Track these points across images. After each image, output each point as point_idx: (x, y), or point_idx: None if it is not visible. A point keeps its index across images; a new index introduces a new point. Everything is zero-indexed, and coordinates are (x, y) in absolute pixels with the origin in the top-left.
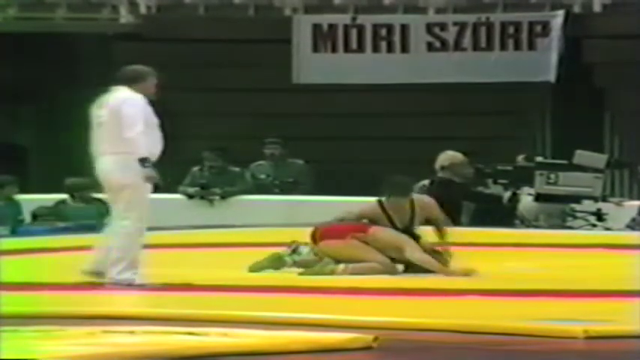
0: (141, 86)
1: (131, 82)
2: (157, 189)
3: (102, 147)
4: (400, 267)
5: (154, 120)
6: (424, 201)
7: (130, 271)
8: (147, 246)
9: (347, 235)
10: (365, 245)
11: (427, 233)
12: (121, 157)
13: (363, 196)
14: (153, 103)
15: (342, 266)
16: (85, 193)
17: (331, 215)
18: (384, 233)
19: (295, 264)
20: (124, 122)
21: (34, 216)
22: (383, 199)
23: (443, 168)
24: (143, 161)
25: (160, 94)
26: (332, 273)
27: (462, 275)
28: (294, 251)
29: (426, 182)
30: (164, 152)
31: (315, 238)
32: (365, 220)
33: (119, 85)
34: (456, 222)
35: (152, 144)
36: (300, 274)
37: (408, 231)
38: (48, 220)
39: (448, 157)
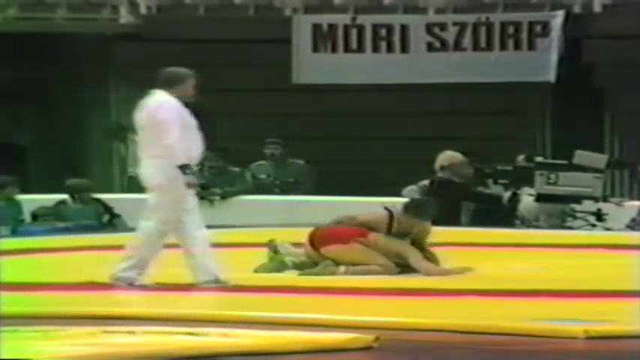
0: (179, 89)
1: (169, 84)
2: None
3: (142, 150)
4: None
5: (192, 122)
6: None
7: (134, 270)
8: None
9: (349, 239)
10: (368, 249)
11: (441, 233)
12: (157, 161)
13: (363, 197)
14: (187, 104)
15: (342, 268)
16: (85, 194)
17: (331, 215)
18: (385, 239)
19: (296, 267)
20: (160, 128)
21: (34, 216)
22: (395, 211)
23: (442, 168)
24: (183, 168)
25: (199, 96)
26: (332, 274)
27: (459, 273)
28: (276, 252)
29: (425, 182)
30: None
31: (312, 241)
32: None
33: (157, 88)
34: (455, 222)
35: (191, 147)
36: (301, 274)
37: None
38: (48, 220)
39: (448, 157)
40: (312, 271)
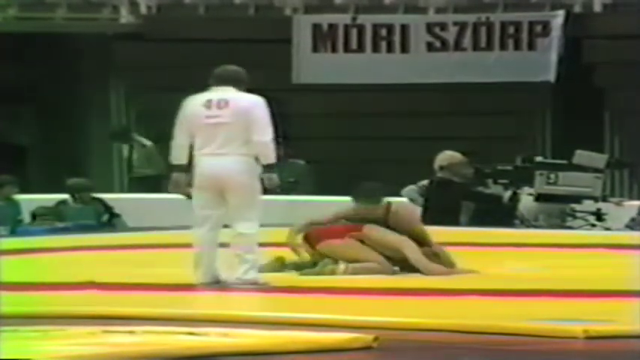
0: (241, 87)
1: (238, 82)
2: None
3: (221, 148)
4: (396, 267)
5: None
6: (399, 213)
7: (254, 270)
8: (147, 246)
9: (344, 234)
10: (362, 245)
11: (432, 232)
12: (245, 159)
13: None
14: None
15: (342, 266)
16: (85, 193)
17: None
18: (380, 232)
19: (295, 267)
20: (255, 126)
21: (34, 216)
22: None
23: (442, 168)
24: (271, 167)
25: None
26: (332, 273)
27: (460, 273)
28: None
29: (425, 182)
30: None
31: (309, 240)
32: (342, 221)
33: (222, 85)
34: (455, 222)
35: None
36: (301, 274)
37: None
38: (47, 219)
39: (447, 156)
40: (312, 271)
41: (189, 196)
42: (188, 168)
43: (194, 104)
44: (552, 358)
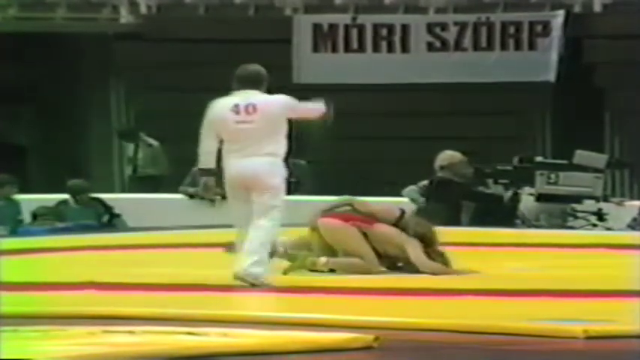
0: (263, 88)
1: (260, 83)
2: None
3: (250, 149)
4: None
5: None
6: (411, 220)
7: (261, 267)
8: (147, 246)
9: (349, 221)
10: (360, 238)
11: (440, 233)
12: (274, 160)
13: (363, 196)
14: None
15: (323, 259)
16: (85, 195)
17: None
18: (388, 229)
19: (286, 255)
20: (299, 107)
21: (34, 216)
22: (406, 211)
23: (442, 168)
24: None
25: None
26: (313, 265)
27: (460, 274)
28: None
29: (425, 182)
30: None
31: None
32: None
33: (246, 88)
34: (455, 222)
35: None
36: (285, 271)
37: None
38: (48, 220)
39: (447, 156)
40: (293, 266)
41: (190, 196)
42: (217, 171)
43: (221, 109)
44: (552, 358)
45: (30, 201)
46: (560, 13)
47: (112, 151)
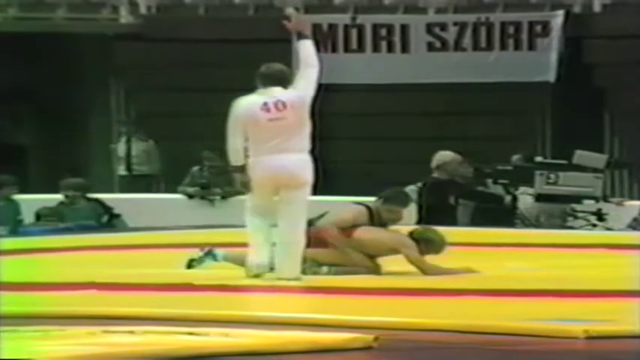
0: (287, 86)
1: (285, 81)
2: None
3: (284, 145)
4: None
5: None
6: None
7: (299, 266)
8: (147, 246)
9: (328, 242)
10: (345, 252)
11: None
12: (306, 157)
13: (363, 196)
14: None
15: (325, 269)
16: (77, 193)
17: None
18: (373, 233)
19: None
20: (308, 125)
21: (38, 216)
22: (372, 205)
23: (436, 168)
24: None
25: None
26: (315, 274)
27: (459, 273)
28: (208, 254)
29: (419, 184)
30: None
31: (309, 241)
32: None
33: (271, 85)
34: (449, 221)
35: None
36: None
37: None
38: (51, 220)
39: (440, 156)
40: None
41: (190, 196)
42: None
43: (249, 107)
44: (552, 359)
45: (30, 201)
46: (560, 13)
47: (112, 151)
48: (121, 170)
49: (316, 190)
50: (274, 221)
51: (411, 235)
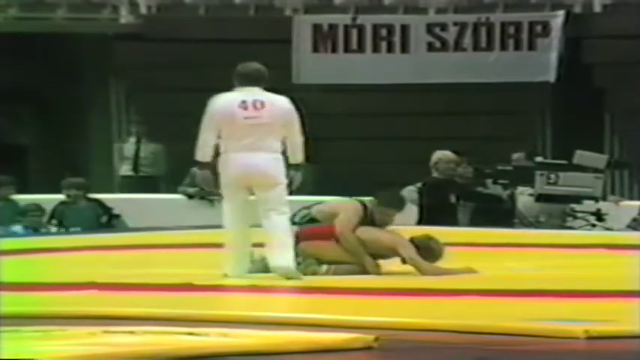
0: (265, 85)
1: (263, 81)
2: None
3: (258, 144)
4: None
5: None
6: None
7: (289, 260)
8: (147, 246)
9: (330, 236)
10: (347, 252)
11: (431, 233)
12: (279, 157)
13: (363, 196)
14: None
15: (324, 267)
16: (79, 192)
17: None
18: (372, 233)
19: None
20: (293, 128)
21: (23, 212)
22: (368, 204)
23: (433, 167)
24: (298, 166)
25: None
26: (314, 274)
27: (458, 273)
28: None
29: (419, 184)
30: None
31: (298, 238)
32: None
33: (249, 85)
34: (450, 221)
35: None
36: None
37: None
38: (36, 215)
39: (436, 156)
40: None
41: (190, 196)
42: (214, 166)
43: (227, 105)
44: (552, 359)
45: (30, 201)
46: (560, 14)
47: (112, 151)
48: (126, 171)
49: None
50: (252, 222)
51: (412, 240)
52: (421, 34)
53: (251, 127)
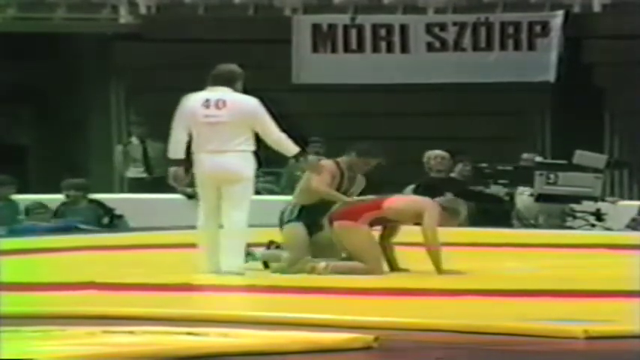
0: (237, 86)
1: (232, 82)
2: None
3: (220, 146)
4: (386, 268)
5: None
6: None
7: (241, 258)
8: (147, 246)
9: (361, 214)
10: (369, 239)
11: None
12: (243, 154)
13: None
14: None
15: (322, 264)
16: (78, 193)
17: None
18: (401, 201)
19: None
20: (264, 126)
21: (27, 210)
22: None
23: (426, 167)
24: (300, 154)
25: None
26: (312, 270)
27: (456, 274)
28: (248, 255)
29: (415, 184)
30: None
31: (330, 221)
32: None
33: (218, 85)
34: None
35: None
36: (274, 270)
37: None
38: (40, 213)
39: (426, 155)
40: (293, 269)
41: (189, 196)
42: (187, 165)
43: (192, 103)
44: (552, 359)
45: (29, 201)
46: (560, 14)
47: (112, 151)
48: (136, 173)
49: None
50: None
51: (441, 203)
52: (420, 34)
53: (212, 126)
